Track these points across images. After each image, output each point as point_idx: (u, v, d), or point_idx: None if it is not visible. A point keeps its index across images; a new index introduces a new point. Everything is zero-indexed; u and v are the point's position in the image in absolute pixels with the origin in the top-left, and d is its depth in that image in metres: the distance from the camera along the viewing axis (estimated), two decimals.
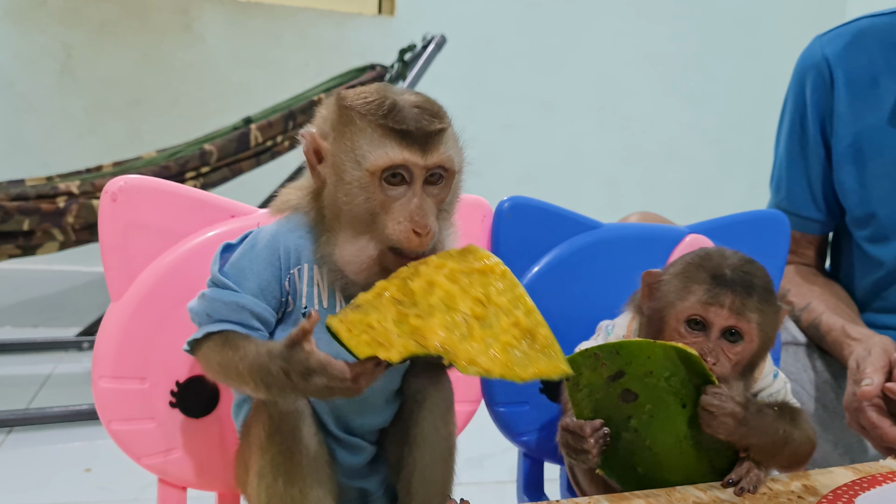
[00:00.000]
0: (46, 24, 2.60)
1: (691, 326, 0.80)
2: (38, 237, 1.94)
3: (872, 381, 0.99)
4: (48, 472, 1.67)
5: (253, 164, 2.26)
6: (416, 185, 0.69)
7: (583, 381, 0.78)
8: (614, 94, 3.25)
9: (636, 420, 0.80)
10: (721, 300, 0.79)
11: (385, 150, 0.68)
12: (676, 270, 0.83)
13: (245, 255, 0.73)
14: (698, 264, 0.82)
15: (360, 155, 0.69)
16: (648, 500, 0.76)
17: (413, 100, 0.70)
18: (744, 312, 0.79)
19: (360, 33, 2.91)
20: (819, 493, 0.79)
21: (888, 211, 1.29)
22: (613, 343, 0.77)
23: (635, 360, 0.77)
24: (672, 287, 0.82)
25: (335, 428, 0.77)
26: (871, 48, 1.29)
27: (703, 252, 0.84)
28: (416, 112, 0.69)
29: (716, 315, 0.79)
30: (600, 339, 0.91)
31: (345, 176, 0.70)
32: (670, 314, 0.81)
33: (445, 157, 0.70)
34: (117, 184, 0.81)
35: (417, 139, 0.68)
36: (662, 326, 0.82)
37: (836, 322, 1.24)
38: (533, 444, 1.01)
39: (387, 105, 0.69)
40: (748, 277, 0.80)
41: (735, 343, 0.80)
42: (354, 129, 0.69)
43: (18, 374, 2.24)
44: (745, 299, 0.79)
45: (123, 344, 0.82)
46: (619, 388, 0.79)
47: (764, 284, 0.81)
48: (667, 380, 0.78)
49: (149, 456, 0.83)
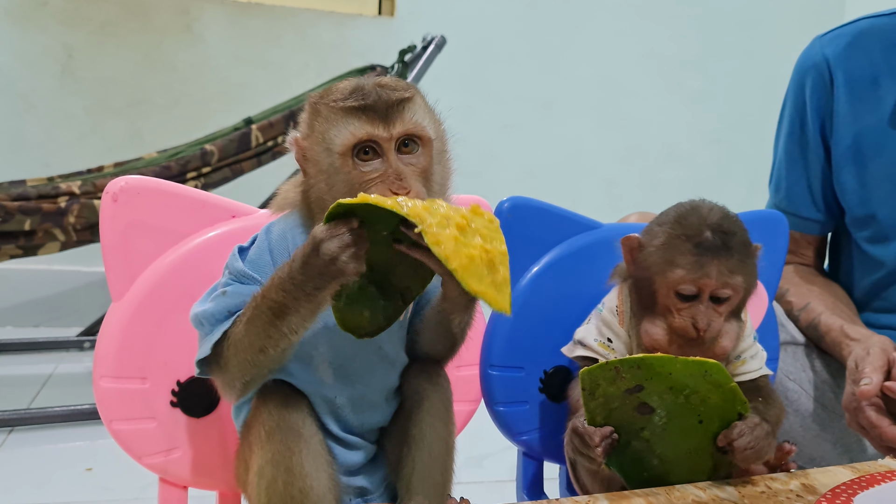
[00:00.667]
0: (47, 24, 2.61)
1: (681, 297, 0.83)
2: (40, 237, 1.94)
3: (871, 381, 1.00)
4: (49, 471, 1.68)
5: (254, 165, 2.26)
6: (388, 156, 0.70)
7: (599, 391, 0.77)
8: (614, 94, 3.25)
9: (648, 431, 0.80)
10: (707, 270, 0.81)
11: (348, 129, 0.69)
12: (659, 241, 0.85)
13: (261, 253, 0.74)
14: (679, 233, 0.83)
15: (328, 140, 0.70)
16: (648, 498, 0.77)
17: (376, 80, 0.72)
18: (729, 276, 0.82)
19: (360, 34, 2.91)
20: (818, 491, 0.79)
21: (888, 211, 1.29)
22: (635, 358, 0.77)
23: (656, 376, 0.77)
24: (657, 258, 0.84)
25: (335, 427, 0.77)
26: (872, 49, 1.29)
27: (680, 216, 0.85)
28: (376, 88, 0.70)
29: (704, 284, 0.82)
30: (593, 317, 0.92)
31: (321, 165, 0.71)
32: (659, 285, 0.84)
33: (412, 124, 0.71)
34: (118, 184, 0.82)
35: (379, 111, 0.69)
36: (652, 295, 0.85)
37: (835, 322, 1.24)
38: (532, 443, 1.01)
39: (348, 89, 0.71)
40: (729, 238, 0.82)
41: (723, 302, 0.83)
42: (321, 120, 0.71)
43: (20, 374, 2.24)
44: (729, 262, 0.82)
45: (124, 344, 0.82)
46: (636, 400, 0.79)
47: (742, 238, 0.84)
48: (686, 397, 0.79)
49: (150, 455, 0.84)
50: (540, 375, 1.01)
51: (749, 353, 0.90)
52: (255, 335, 0.68)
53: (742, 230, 0.85)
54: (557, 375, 1.01)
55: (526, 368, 0.99)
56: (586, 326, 0.93)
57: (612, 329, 0.90)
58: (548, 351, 1.00)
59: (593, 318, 0.93)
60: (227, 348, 0.70)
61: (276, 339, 0.68)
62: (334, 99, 0.71)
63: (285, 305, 0.66)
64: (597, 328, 0.91)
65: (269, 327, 0.68)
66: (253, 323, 0.68)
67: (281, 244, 0.74)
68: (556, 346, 1.00)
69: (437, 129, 0.74)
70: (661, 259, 0.84)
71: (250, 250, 0.74)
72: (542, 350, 1.00)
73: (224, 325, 0.71)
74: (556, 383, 1.01)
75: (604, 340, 0.90)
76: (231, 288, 0.72)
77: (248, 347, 0.69)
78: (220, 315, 0.72)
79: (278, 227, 0.75)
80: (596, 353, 0.89)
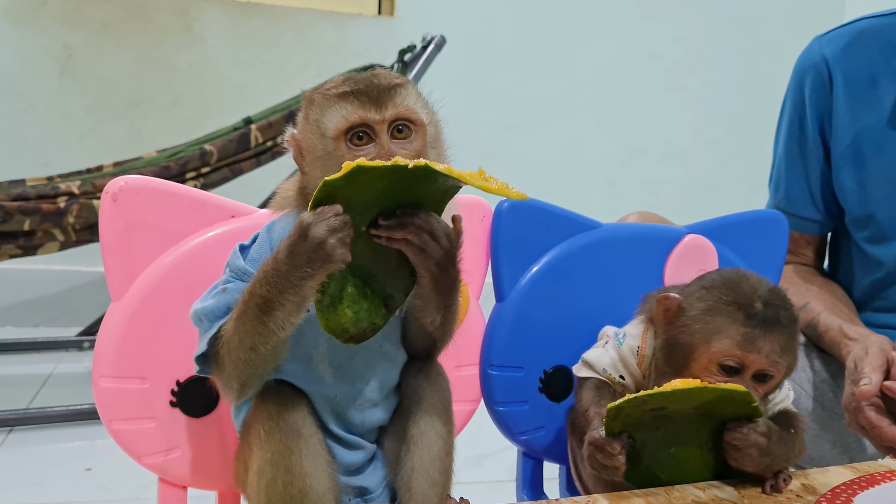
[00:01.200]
0: (47, 24, 2.61)
1: (723, 369, 0.78)
2: (39, 237, 1.94)
3: (870, 381, 1.00)
4: (49, 471, 1.68)
5: (253, 165, 2.26)
6: (381, 139, 0.70)
7: (622, 414, 0.76)
8: (614, 95, 3.25)
9: (662, 431, 0.80)
10: (759, 346, 0.76)
11: (341, 113, 0.70)
12: (705, 306, 0.79)
13: (262, 251, 0.73)
14: (730, 301, 0.78)
15: (322, 126, 0.71)
16: (648, 498, 0.76)
17: (369, 71, 0.74)
18: (780, 355, 0.77)
19: (359, 34, 2.91)
20: (818, 491, 0.79)
21: (887, 212, 1.29)
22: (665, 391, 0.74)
23: (680, 401, 0.76)
24: (702, 324, 0.78)
25: (335, 426, 0.77)
26: (871, 49, 1.28)
27: (729, 282, 0.80)
28: (369, 76, 0.72)
29: (752, 361, 0.77)
30: (610, 346, 0.90)
31: (316, 152, 0.72)
32: (700, 353, 0.78)
33: (404, 107, 0.71)
34: (118, 184, 0.81)
35: (371, 96, 0.70)
36: (688, 361, 0.79)
37: (834, 322, 1.24)
38: (532, 443, 1.01)
39: (341, 79, 0.72)
40: (781, 315, 0.77)
41: (767, 381, 0.79)
42: (315, 108, 0.72)
43: (19, 374, 2.24)
44: (781, 339, 0.77)
45: (124, 344, 0.82)
46: (656, 415, 0.78)
47: (793, 316, 0.79)
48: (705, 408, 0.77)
49: (149, 455, 0.84)
50: (540, 375, 1.01)
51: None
52: (245, 332, 0.68)
53: (791, 305, 0.80)
54: (557, 375, 1.01)
55: (526, 368, 0.99)
56: (600, 351, 0.90)
57: (628, 368, 0.87)
58: (547, 351, 1.00)
59: (610, 347, 0.89)
60: (222, 346, 0.70)
61: (265, 337, 0.68)
62: (327, 87, 0.72)
63: (271, 300, 0.66)
64: (612, 361, 0.88)
65: (257, 324, 0.67)
66: (241, 320, 0.68)
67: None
68: (555, 346, 1.00)
69: (430, 116, 0.75)
70: (705, 326, 0.78)
71: (251, 248, 0.74)
72: (542, 350, 1.00)
73: (220, 322, 0.71)
74: (555, 383, 1.01)
75: (616, 377, 0.87)
76: (231, 285, 0.72)
77: (239, 345, 0.69)
78: (219, 311, 0.72)
79: (279, 225, 0.75)
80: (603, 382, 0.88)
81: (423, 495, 0.76)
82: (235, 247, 0.75)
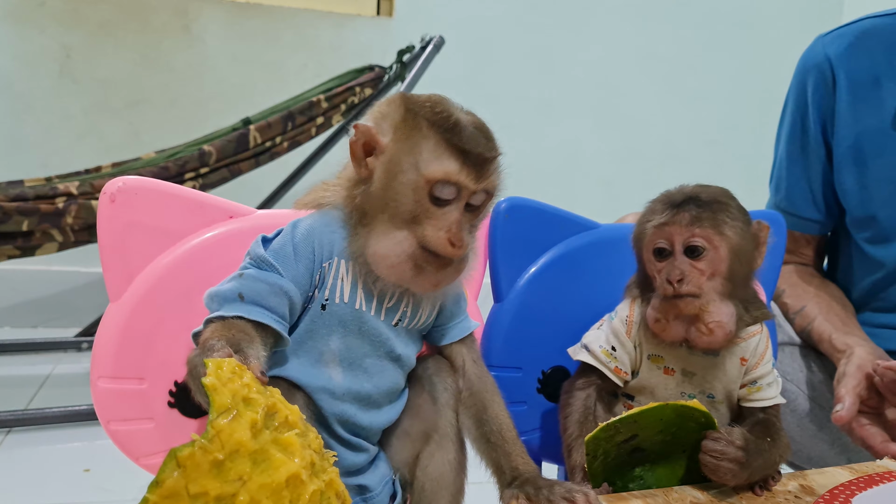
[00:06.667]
0: (45, 24, 2.60)
1: (658, 256, 0.84)
2: (37, 238, 1.94)
3: (843, 406, 1.00)
4: (47, 472, 1.67)
5: (252, 165, 2.26)
6: (461, 201, 0.72)
7: (600, 451, 0.79)
8: (612, 95, 3.25)
9: (640, 469, 0.83)
10: (675, 219, 0.83)
11: (444, 164, 0.71)
12: (642, 213, 0.88)
13: (285, 244, 0.73)
14: (657, 200, 0.87)
15: (421, 160, 0.71)
16: (646, 499, 0.77)
17: (472, 120, 0.74)
18: (698, 224, 0.82)
19: (358, 34, 2.91)
20: (816, 492, 0.79)
21: (889, 213, 1.28)
22: (632, 414, 0.78)
23: (649, 425, 0.79)
24: (639, 225, 0.87)
25: (341, 430, 0.77)
26: (874, 49, 1.28)
27: (665, 191, 0.89)
28: (477, 135, 0.73)
29: (672, 234, 0.83)
30: (605, 325, 0.92)
31: (399, 175, 0.72)
32: (643, 252, 0.86)
33: (493, 184, 0.74)
34: (116, 185, 0.81)
35: (475, 162, 0.72)
36: (643, 267, 0.87)
37: (826, 331, 1.24)
38: (531, 443, 1.01)
39: (452, 120, 0.72)
40: (704, 194, 0.84)
41: (699, 257, 0.82)
42: (419, 136, 0.72)
43: (17, 375, 2.24)
44: (698, 212, 0.82)
45: (122, 344, 0.82)
46: (630, 447, 0.81)
47: (721, 199, 0.84)
48: (673, 434, 0.80)
49: (147, 456, 0.84)
50: (538, 376, 1.01)
51: (766, 381, 0.88)
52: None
53: (724, 194, 0.86)
54: (556, 376, 1.01)
55: (524, 369, 0.99)
56: (596, 332, 0.93)
57: (618, 338, 0.90)
58: (546, 351, 1.00)
59: (605, 325, 0.93)
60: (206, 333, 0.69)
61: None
62: (438, 123, 0.71)
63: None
64: (605, 335, 0.91)
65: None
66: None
67: (306, 240, 0.74)
68: (554, 347, 1.00)
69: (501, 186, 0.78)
70: (640, 225, 0.87)
71: (274, 240, 0.75)
72: (541, 350, 1.00)
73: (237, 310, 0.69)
74: (554, 383, 1.01)
75: (608, 348, 0.90)
76: (249, 272, 0.72)
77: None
78: (230, 295, 0.71)
79: (305, 223, 0.75)
80: (598, 361, 0.89)
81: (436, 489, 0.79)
82: (258, 237, 0.75)
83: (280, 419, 0.59)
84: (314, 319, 0.74)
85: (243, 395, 0.57)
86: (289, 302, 0.72)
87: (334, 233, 0.75)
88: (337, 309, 0.74)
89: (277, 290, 0.71)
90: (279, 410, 0.59)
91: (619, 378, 0.89)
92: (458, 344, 0.83)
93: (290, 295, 0.72)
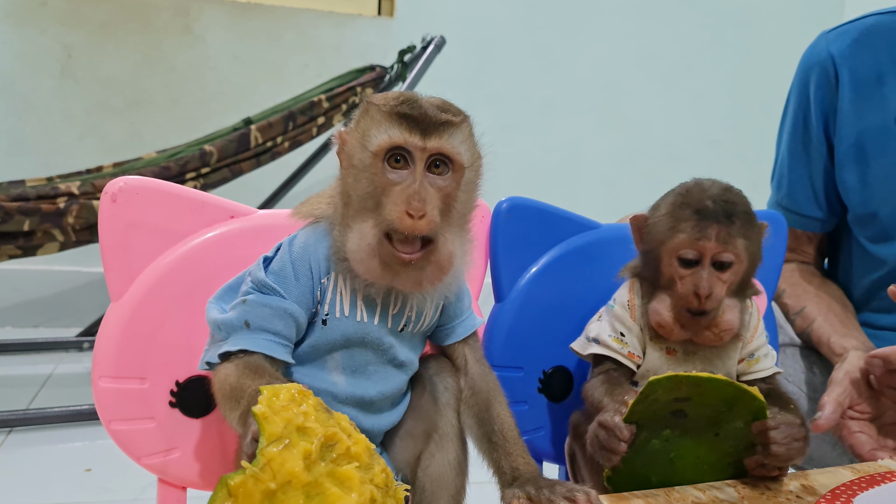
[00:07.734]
0: (47, 24, 2.61)
1: (683, 262, 0.84)
2: (39, 238, 1.94)
3: (822, 415, 1.00)
4: (48, 472, 1.68)
5: (253, 165, 2.26)
6: (416, 168, 0.70)
7: (653, 397, 0.77)
8: (613, 95, 3.25)
9: (670, 432, 0.81)
10: (707, 234, 0.83)
11: (387, 132, 0.70)
12: (663, 211, 0.87)
13: (284, 265, 0.74)
14: (682, 202, 0.86)
15: (367, 138, 0.71)
16: (647, 499, 0.76)
17: (432, 98, 0.73)
18: (730, 240, 0.83)
19: (359, 34, 2.91)
20: (818, 492, 0.79)
21: (890, 210, 1.28)
22: (701, 376, 0.77)
23: (708, 393, 0.78)
24: (661, 227, 0.86)
25: None
26: (878, 46, 1.27)
27: (684, 189, 0.88)
28: (427, 103, 0.72)
29: (704, 248, 0.83)
30: (605, 315, 0.93)
31: (354, 160, 0.72)
32: (662, 253, 0.86)
33: (447, 144, 0.71)
34: (117, 184, 0.81)
35: (420, 124, 0.70)
36: (658, 265, 0.87)
37: (825, 333, 1.24)
38: (532, 443, 1.01)
39: (403, 98, 0.72)
40: (729, 206, 0.84)
41: (725, 269, 0.84)
42: (367, 118, 0.72)
43: (19, 375, 2.24)
44: (730, 227, 0.83)
45: (123, 344, 0.82)
46: (677, 408, 0.79)
47: (744, 209, 0.85)
48: (720, 414, 0.79)
49: (149, 456, 0.84)
50: (539, 375, 1.01)
51: (762, 352, 0.91)
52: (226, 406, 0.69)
53: (744, 201, 0.86)
54: (557, 375, 1.01)
55: (525, 368, 0.99)
56: (598, 323, 0.93)
57: (624, 323, 0.90)
58: (547, 351, 1.00)
59: (605, 315, 0.93)
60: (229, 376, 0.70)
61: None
62: (386, 102, 0.72)
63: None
64: (610, 324, 0.91)
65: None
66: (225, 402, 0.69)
67: (302, 257, 0.74)
68: (555, 347, 1.00)
69: (473, 160, 0.76)
70: (664, 228, 0.86)
71: (273, 261, 0.75)
72: (542, 350, 1.00)
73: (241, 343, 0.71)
74: (555, 383, 1.01)
75: (616, 335, 0.90)
76: (252, 297, 0.72)
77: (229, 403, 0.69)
78: (237, 323, 0.72)
79: (300, 240, 0.75)
80: (611, 350, 0.89)
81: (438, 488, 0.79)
82: (259, 259, 0.75)
83: (340, 450, 0.57)
84: (317, 334, 0.75)
85: (298, 424, 0.55)
86: (295, 323, 0.73)
87: (328, 248, 0.75)
88: (338, 323, 0.74)
89: (281, 312, 0.72)
90: (340, 441, 0.57)
91: (632, 362, 0.89)
92: (460, 343, 0.83)
93: (295, 316, 0.72)
